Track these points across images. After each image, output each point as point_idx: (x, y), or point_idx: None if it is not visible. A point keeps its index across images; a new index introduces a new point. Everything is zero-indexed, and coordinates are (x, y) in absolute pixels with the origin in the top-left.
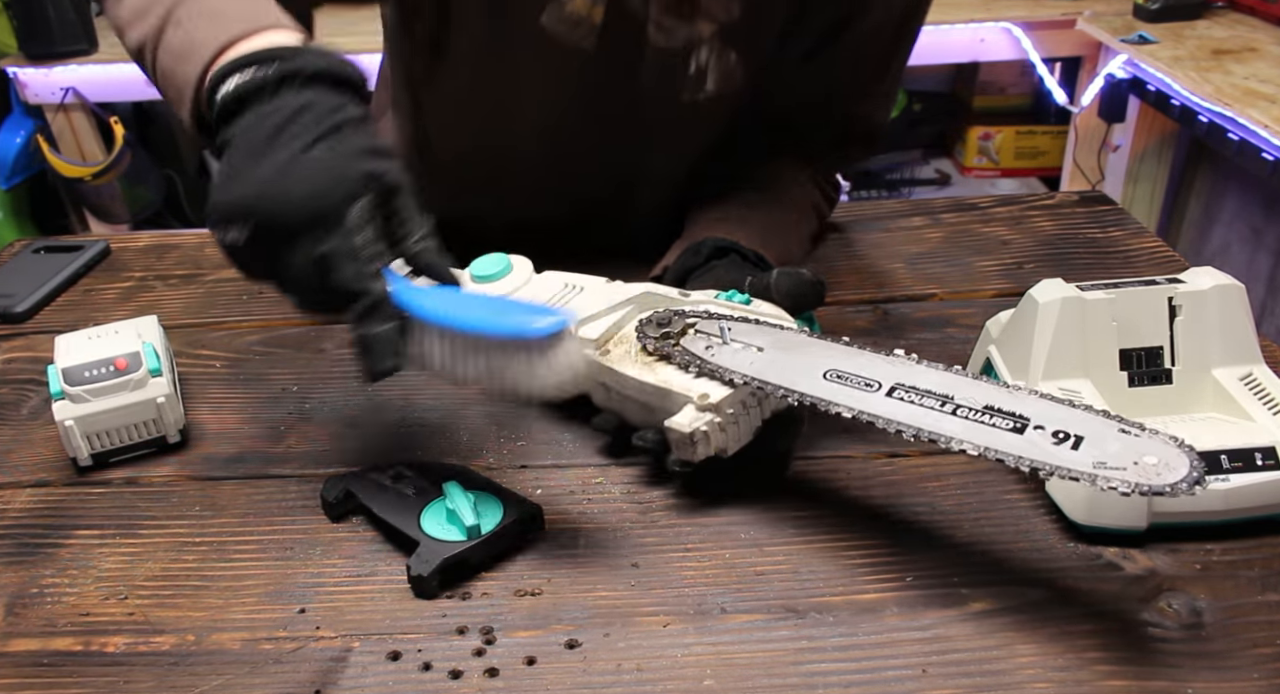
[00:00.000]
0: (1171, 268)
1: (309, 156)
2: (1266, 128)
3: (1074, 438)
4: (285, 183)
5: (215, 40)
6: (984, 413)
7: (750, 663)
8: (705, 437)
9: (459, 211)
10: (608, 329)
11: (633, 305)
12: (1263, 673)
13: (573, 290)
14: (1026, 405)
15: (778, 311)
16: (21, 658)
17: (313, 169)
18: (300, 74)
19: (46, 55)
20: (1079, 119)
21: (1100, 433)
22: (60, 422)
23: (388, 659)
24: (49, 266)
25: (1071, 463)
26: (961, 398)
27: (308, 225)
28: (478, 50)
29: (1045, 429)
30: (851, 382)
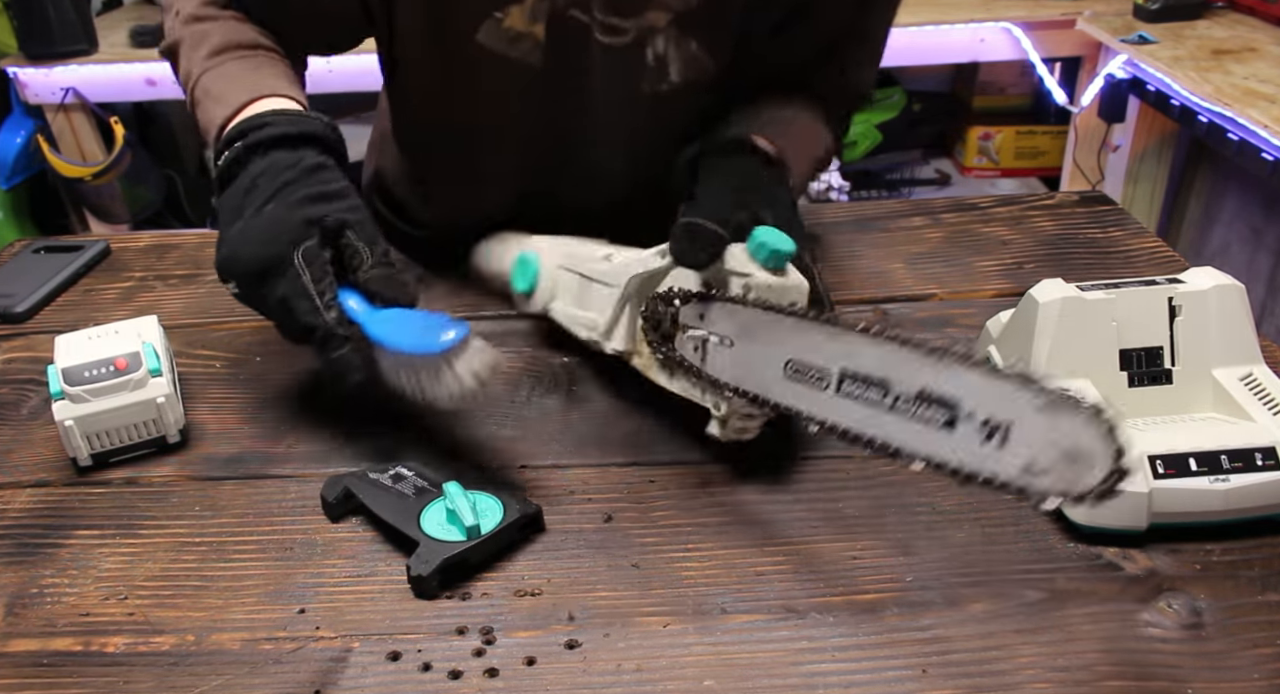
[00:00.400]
0: (1171, 268)
1: (260, 215)
2: (1266, 128)
3: (1003, 428)
4: (243, 242)
5: (215, 121)
6: (918, 402)
7: (750, 663)
8: (739, 432)
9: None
10: (625, 337)
11: (628, 302)
12: (1263, 673)
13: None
14: (958, 385)
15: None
16: (21, 658)
17: (261, 226)
18: (263, 143)
19: (47, 55)
20: (1079, 119)
21: (1025, 415)
22: (60, 422)
23: (388, 659)
24: (49, 266)
25: (1000, 469)
26: (898, 382)
27: (262, 276)
28: (425, 71)
29: (974, 418)
30: (807, 376)
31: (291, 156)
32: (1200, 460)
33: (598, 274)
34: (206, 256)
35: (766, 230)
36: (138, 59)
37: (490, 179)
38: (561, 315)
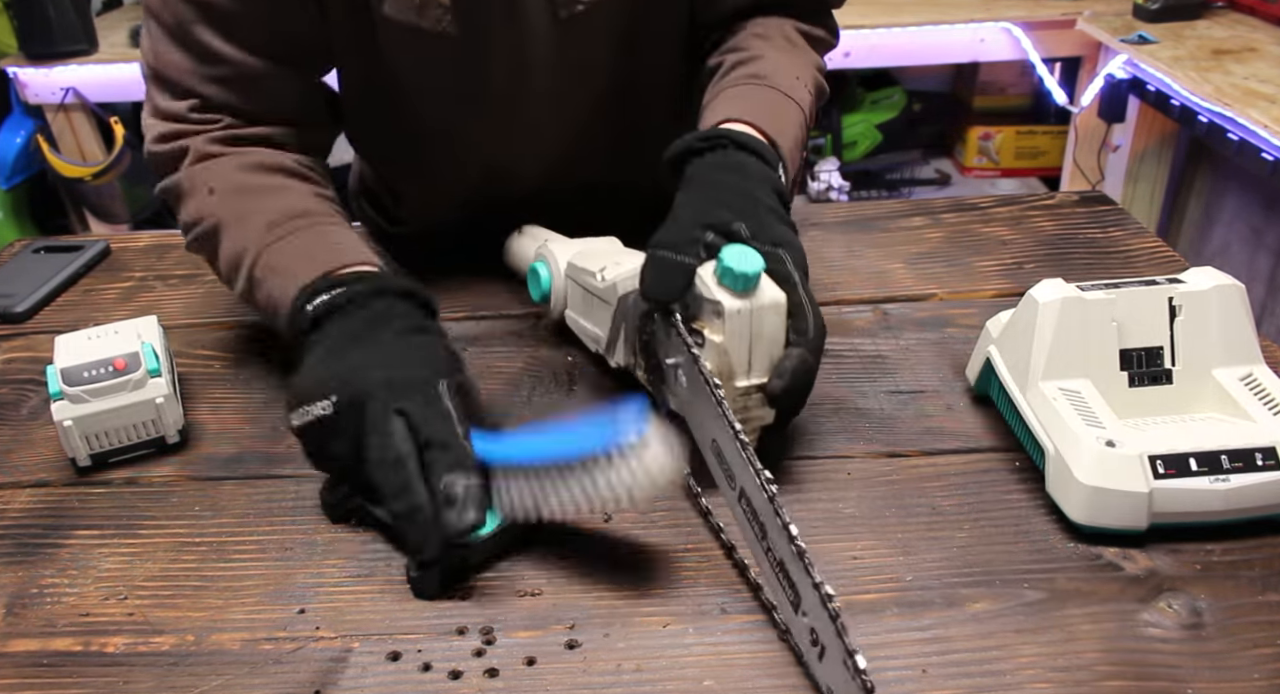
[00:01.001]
0: (1171, 268)
1: (402, 342)
2: (1266, 128)
3: (821, 645)
4: (377, 362)
5: (299, 280)
6: (778, 569)
7: (750, 663)
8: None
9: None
10: (625, 353)
11: (624, 318)
12: (1263, 673)
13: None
14: (801, 581)
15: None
16: (21, 658)
17: (405, 350)
18: (390, 289)
19: (47, 55)
20: (1079, 119)
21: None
22: (59, 422)
23: (388, 659)
24: (49, 266)
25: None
26: (770, 539)
27: (398, 393)
28: (353, 60)
29: (807, 619)
30: (723, 465)
31: (420, 312)
32: (1200, 460)
33: (595, 289)
34: None
35: (732, 251)
36: (138, 59)
37: (443, 162)
38: (573, 324)
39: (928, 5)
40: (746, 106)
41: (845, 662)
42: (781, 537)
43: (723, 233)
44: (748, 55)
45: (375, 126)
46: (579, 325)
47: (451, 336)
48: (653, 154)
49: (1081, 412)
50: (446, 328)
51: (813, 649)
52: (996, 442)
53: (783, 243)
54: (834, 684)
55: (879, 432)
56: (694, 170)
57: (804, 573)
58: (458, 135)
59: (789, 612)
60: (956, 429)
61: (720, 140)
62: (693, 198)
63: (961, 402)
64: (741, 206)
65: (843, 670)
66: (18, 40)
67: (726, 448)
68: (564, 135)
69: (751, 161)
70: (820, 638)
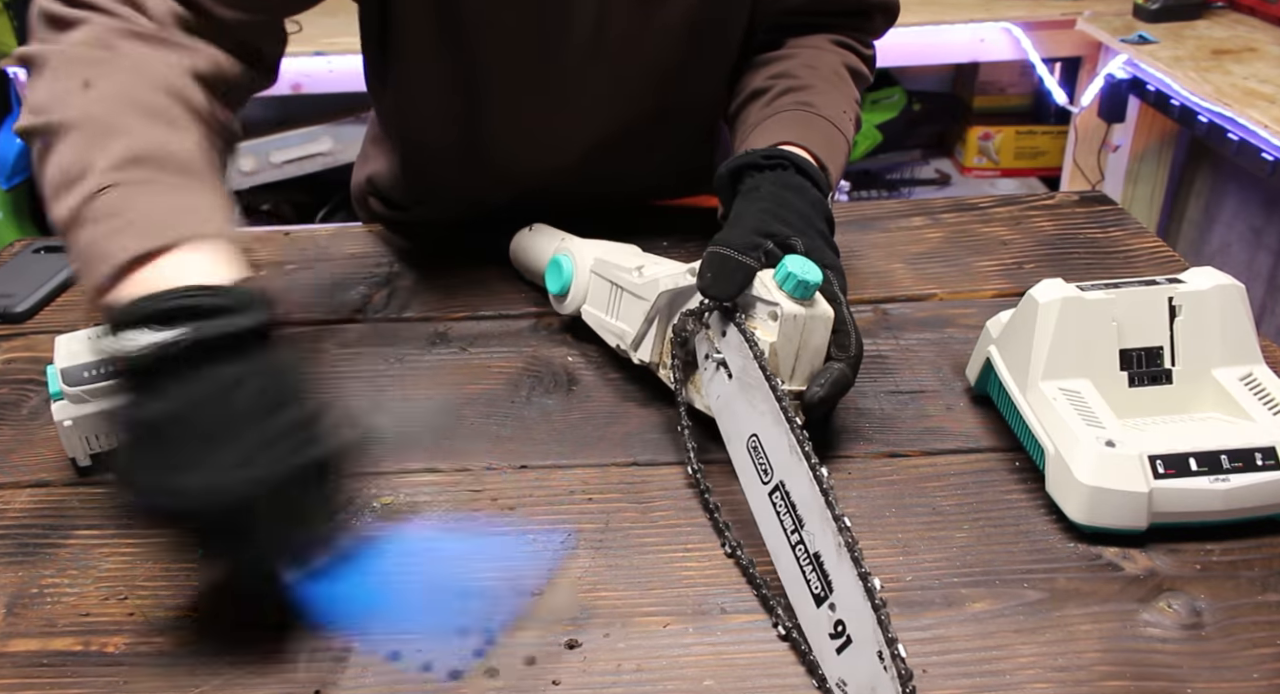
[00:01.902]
0: (1171, 268)
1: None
2: (1266, 128)
3: (847, 636)
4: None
5: (122, 253)
6: (810, 562)
7: (750, 663)
8: None
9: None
10: (652, 350)
11: (657, 316)
12: (1263, 673)
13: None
14: (839, 572)
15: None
16: (21, 658)
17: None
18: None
19: None
20: (1079, 119)
21: (864, 642)
22: (59, 422)
23: (388, 659)
24: (49, 266)
25: (828, 668)
26: (809, 529)
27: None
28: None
29: (835, 611)
30: (759, 459)
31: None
32: (1200, 460)
33: (629, 285)
34: None
35: (795, 260)
36: None
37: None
38: (592, 320)
39: (928, 5)
40: (803, 133)
41: (881, 653)
42: (827, 528)
43: (781, 245)
44: (799, 83)
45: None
46: (599, 320)
47: (452, 336)
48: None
49: (1081, 412)
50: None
51: (831, 642)
52: (996, 442)
53: (831, 266)
54: (853, 677)
55: (879, 432)
56: (756, 183)
57: (851, 564)
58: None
59: (808, 607)
60: (956, 429)
61: (782, 160)
62: (754, 208)
63: (961, 402)
64: (799, 225)
65: (873, 662)
66: (17, 40)
67: (772, 442)
68: (609, 119)
69: (808, 186)
70: (847, 630)
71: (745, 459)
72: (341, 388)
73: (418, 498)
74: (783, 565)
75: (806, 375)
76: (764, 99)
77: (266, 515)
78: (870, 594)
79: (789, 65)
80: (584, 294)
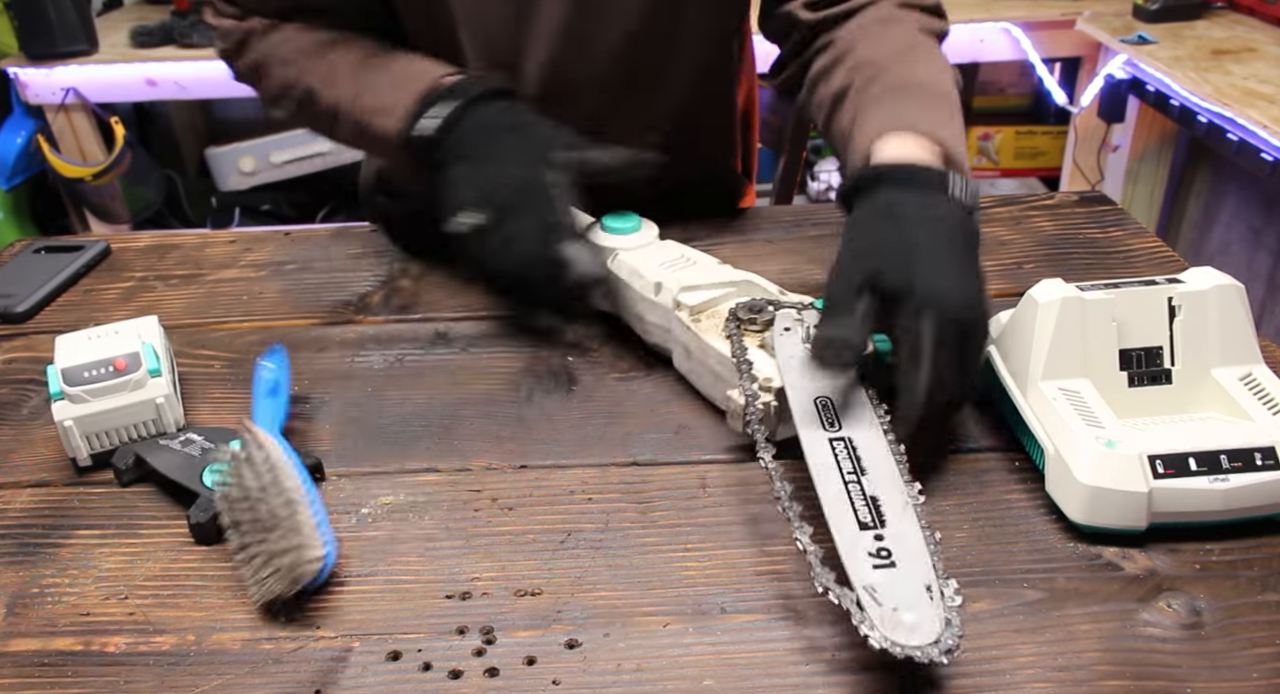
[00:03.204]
0: (1171, 268)
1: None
2: (1266, 128)
3: (891, 561)
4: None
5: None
6: (865, 501)
7: (750, 663)
8: (758, 415)
9: None
10: (705, 302)
11: (734, 288)
12: (1262, 673)
13: (685, 262)
14: (896, 516)
15: None
16: (21, 658)
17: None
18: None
19: (47, 55)
20: (1079, 119)
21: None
22: (59, 422)
23: (388, 659)
24: (49, 266)
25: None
26: (868, 478)
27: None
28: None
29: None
30: (827, 415)
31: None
32: (1200, 460)
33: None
34: (206, 256)
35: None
36: (138, 59)
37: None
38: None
39: None
40: (907, 113)
41: (930, 587)
42: (895, 488)
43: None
44: (879, 67)
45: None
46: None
47: (452, 336)
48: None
49: (1081, 412)
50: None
51: (868, 559)
52: (996, 442)
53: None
54: (889, 591)
55: None
56: (864, 212)
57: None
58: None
59: (848, 528)
60: (956, 429)
61: (891, 173)
62: (857, 261)
63: None
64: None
65: (918, 590)
66: (18, 40)
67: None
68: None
69: (934, 200)
70: (893, 556)
71: (808, 408)
72: (341, 388)
73: (417, 498)
74: (829, 492)
75: None
76: (849, 99)
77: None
78: (930, 542)
79: (860, 55)
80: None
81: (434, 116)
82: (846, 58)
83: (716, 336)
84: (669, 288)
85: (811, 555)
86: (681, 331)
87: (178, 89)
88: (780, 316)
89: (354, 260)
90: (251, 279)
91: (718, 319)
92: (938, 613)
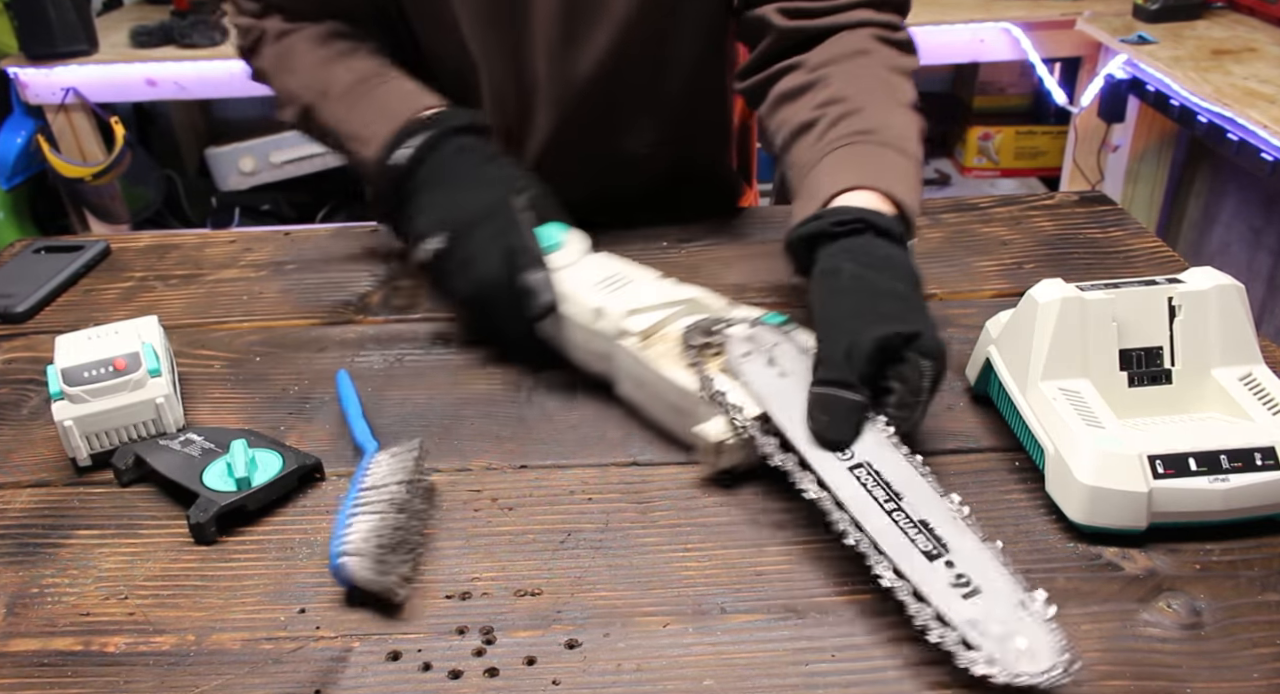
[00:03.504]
0: (1171, 268)
1: (480, 172)
2: (1266, 128)
3: (974, 587)
4: (469, 199)
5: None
6: (916, 526)
7: (750, 663)
8: (732, 448)
9: None
10: (653, 325)
11: (681, 307)
12: (1262, 673)
13: (620, 281)
14: (953, 534)
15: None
16: (21, 658)
17: (486, 180)
18: (453, 128)
19: (47, 55)
20: (1079, 119)
21: (998, 592)
22: (59, 422)
23: (388, 659)
24: (49, 267)
25: (953, 613)
26: (907, 502)
27: (484, 219)
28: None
29: (954, 566)
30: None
31: (481, 141)
32: (1200, 460)
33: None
34: (206, 256)
35: None
36: (138, 59)
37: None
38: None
39: (928, 5)
40: (868, 172)
41: (1023, 601)
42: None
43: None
44: (850, 107)
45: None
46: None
47: (452, 336)
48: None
49: (1081, 412)
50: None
51: (954, 590)
52: (996, 442)
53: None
54: (987, 619)
55: None
56: (835, 265)
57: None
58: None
59: (917, 562)
60: (956, 429)
61: (856, 224)
62: (844, 309)
63: (961, 402)
64: (895, 311)
65: (1013, 609)
66: (18, 40)
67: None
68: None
69: (894, 251)
70: (973, 582)
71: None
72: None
73: None
74: (875, 527)
75: None
76: (814, 132)
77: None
78: (997, 555)
79: (833, 90)
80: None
81: (408, 147)
82: (818, 88)
83: (672, 365)
84: (611, 313)
85: (902, 592)
86: (629, 362)
87: (177, 89)
88: (733, 340)
89: (354, 260)
90: (251, 279)
91: (669, 344)
92: (1043, 629)
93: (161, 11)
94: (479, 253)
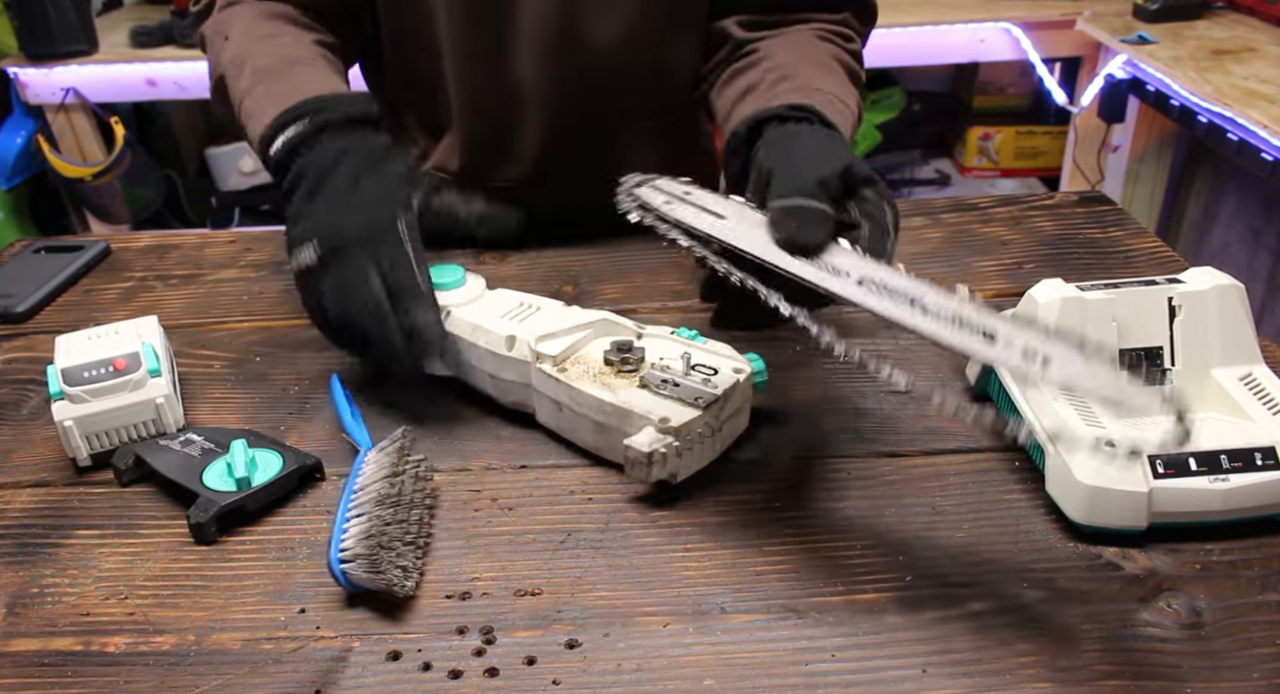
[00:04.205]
0: (1171, 268)
1: (364, 179)
2: (1266, 128)
3: (1043, 358)
4: (345, 208)
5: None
6: (952, 321)
7: (750, 663)
8: (663, 458)
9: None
10: (566, 349)
11: (590, 330)
12: (1263, 673)
13: (528, 309)
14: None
15: (730, 351)
16: (21, 658)
17: (367, 189)
18: (339, 120)
19: (47, 55)
20: (1079, 119)
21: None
22: (59, 422)
23: (388, 659)
24: (49, 267)
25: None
26: (930, 303)
27: (368, 244)
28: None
29: (1014, 345)
30: (818, 263)
31: (368, 137)
32: (1200, 460)
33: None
34: (206, 256)
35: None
36: (138, 59)
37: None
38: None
39: (928, 5)
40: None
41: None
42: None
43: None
44: (792, 71)
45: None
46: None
47: None
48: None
49: (1081, 412)
50: None
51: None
52: (996, 442)
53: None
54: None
55: (879, 432)
56: (787, 131)
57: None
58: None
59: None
60: (956, 429)
61: (808, 115)
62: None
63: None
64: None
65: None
66: (18, 40)
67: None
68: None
69: (839, 137)
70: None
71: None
72: None
73: None
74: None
75: None
76: (759, 90)
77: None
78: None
79: (779, 59)
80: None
81: (285, 135)
82: (761, 62)
83: (591, 384)
84: (524, 340)
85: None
86: (547, 385)
87: (177, 89)
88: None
89: None
90: (251, 279)
91: (585, 365)
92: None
93: (161, 11)
94: (355, 278)
